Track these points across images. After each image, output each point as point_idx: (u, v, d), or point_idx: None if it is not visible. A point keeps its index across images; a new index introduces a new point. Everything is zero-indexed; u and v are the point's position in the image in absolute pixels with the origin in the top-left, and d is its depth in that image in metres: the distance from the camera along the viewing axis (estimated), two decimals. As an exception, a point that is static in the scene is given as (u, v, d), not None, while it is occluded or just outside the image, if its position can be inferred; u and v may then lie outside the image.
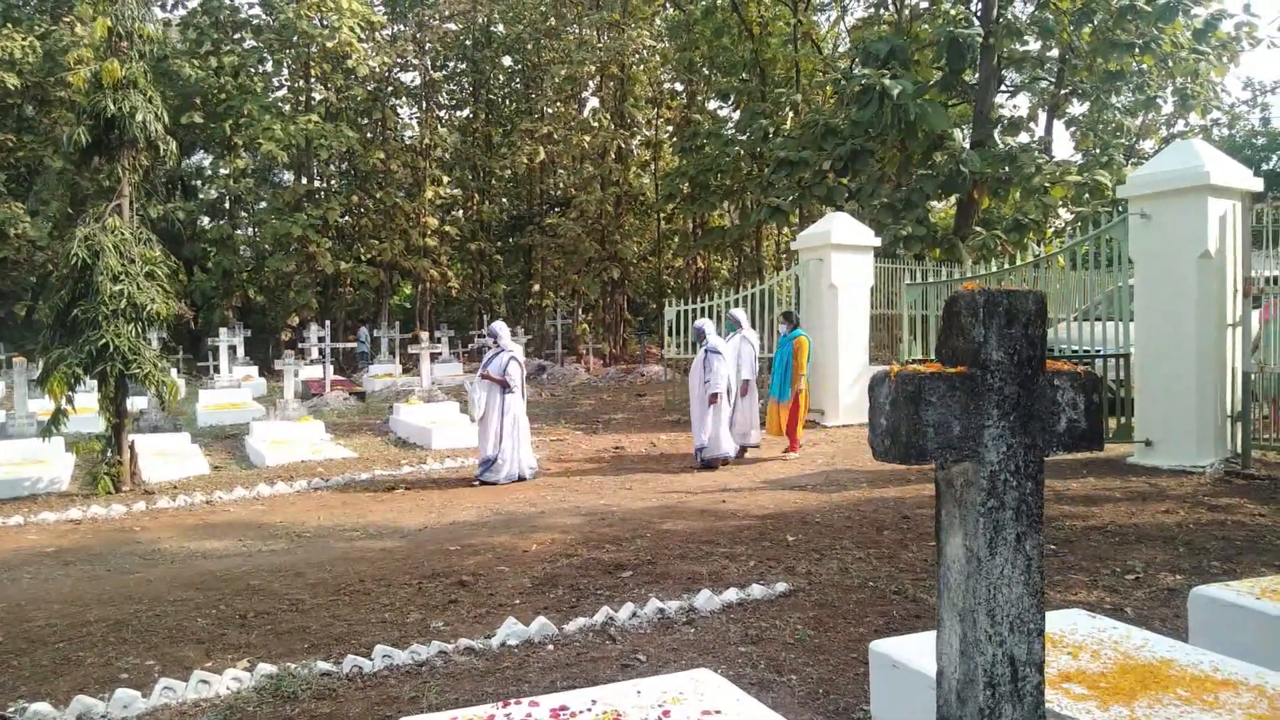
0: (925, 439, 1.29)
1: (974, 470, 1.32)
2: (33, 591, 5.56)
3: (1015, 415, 1.33)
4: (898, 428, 1.29)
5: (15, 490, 8.95)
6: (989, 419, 1.32)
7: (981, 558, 1.30)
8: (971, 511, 1.32)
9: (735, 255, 30.17)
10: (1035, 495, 1.34)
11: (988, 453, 1.32)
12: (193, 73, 24.59)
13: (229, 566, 6.06)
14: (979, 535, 1.31)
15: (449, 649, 4.24)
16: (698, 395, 9.62)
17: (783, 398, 9.95)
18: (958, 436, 1.31)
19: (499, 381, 9.10)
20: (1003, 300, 1.30)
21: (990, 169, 15.34)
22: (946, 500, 1.37)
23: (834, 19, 26.80)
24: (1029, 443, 1.34)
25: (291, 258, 25.52)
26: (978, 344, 1.31)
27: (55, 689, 3.94)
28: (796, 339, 9.90)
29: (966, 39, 15.39)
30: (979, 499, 1.31)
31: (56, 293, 9.03)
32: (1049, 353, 1.35)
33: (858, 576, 5.23)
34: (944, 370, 1.31)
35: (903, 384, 1.29)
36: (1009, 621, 1.30)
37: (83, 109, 9.37)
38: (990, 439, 1.32)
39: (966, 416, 1.31)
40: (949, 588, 1.35)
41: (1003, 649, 1.29)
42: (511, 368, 9.20)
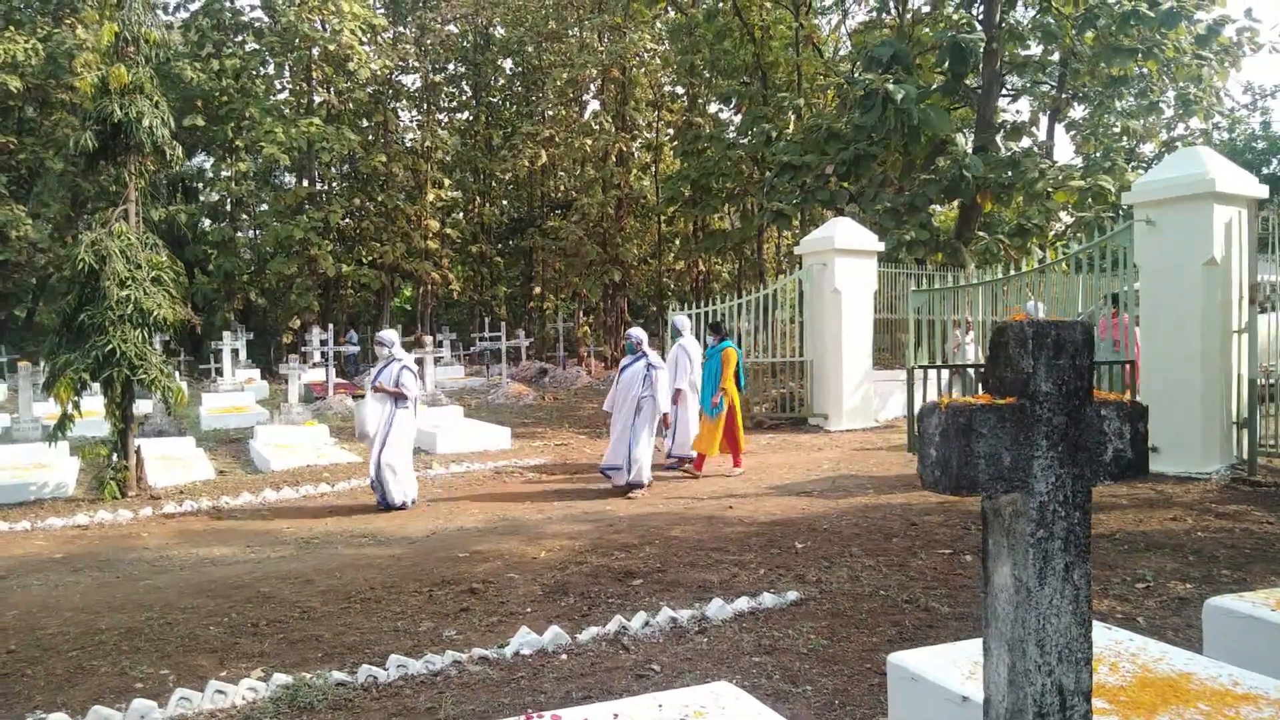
0: (977, 470, 1.30)
1: (1023, 500, 1.33)
2: (43, 599, 5.56)
3: (1064, 446, 1.34)
4: (949, 459, 1.30)
5: (21, 495, 8.94)
6: (1038, 450, 1.34)
7: (1031, 588, 1.31)
8: (1021, 541, 1.33)
9: (736, 258, 30.18)
10: (1083, 525, 1.35)
11: (1037, 483, 1.33)
12: (194, 75, 24.63)
13: (238, 573, 6.06)
14: (1028, 565, 1.32)
15: (463, 658, 4.24)
16: (626, 411, 8.67)
17: (712, 413, 9.38)
18: (1008, 467, 1.32)
19: (393, 393, 8.25)
20: (1051, 332, 1.31)
21: (993, 174, 15.38)
22: (994, 529, 1.38)
23: (836, 23, 26.84)
24: (1077, 473, 1.35)
25: (293, 260, 25.54)
26: (1027, 375, 1.32)
27: (71, 698, 3.95)
28: (725, 350, 9.42)
29: (969, 43, 15.42)
30: (1028, 529, 1.32)
31: (63, 297, 9.04)
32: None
33: (868, 585, 5.24)
34: (994, 402, 1.32)
35: (954, 415, 1.30)
36: (1058, 651, 1.31)
37: (89, 114, 9.37)
38: (1039, 469, 1.33)
39: (1016, 447, 1.32)
40: (996, 617, 1.36)
41: (1051, 678, 1.30)
42: (404, 377, 8.34)
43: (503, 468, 10.37)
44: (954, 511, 7.00)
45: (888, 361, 14.26)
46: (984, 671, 1.39)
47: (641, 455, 8.58)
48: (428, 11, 28.44)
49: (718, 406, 9.30)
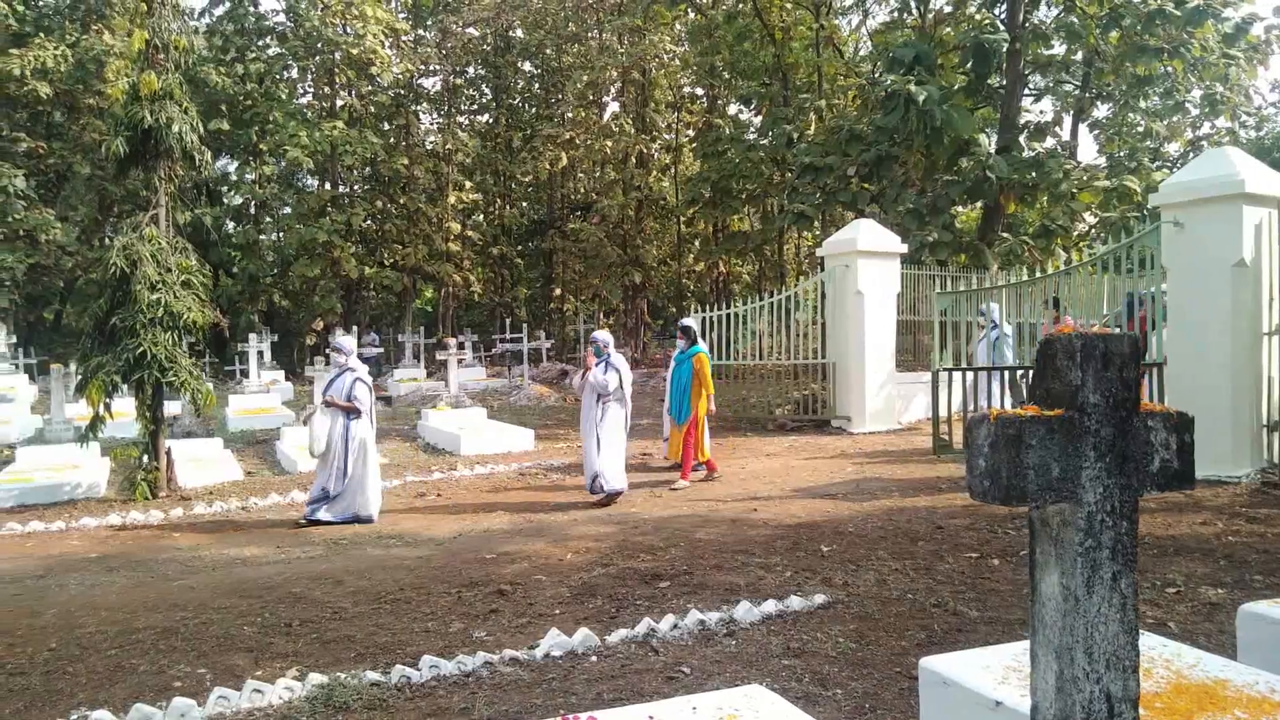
0: (1026, 481, 1.32)
1: (1071, 511, 1.35)
2: (81, 598, 5.66)
3: (1111, 457, 1.36)
4: (998, 470, 1.32)
5: (55, 495, 9.09)
6: (1086, 461, 1.36)
7: (1079, 596, 1.33)
8: (1069, 551, 1.35)
9: (757, 260, 30.16)
10: (1130, 535, 1.37)
11: (1085, 494, 1.35)
12: (219, 80, 24.88)
13: (269, 574, 6.14)
14: (1076, 574, 1.34)
15: (494, 660, 4.29)
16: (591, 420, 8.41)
17: (680, 419, 9.23)
18: (1056, 478, 1.34)
19: (345, 408, 7.94)
20: (1099, 344, 1.33)
21: (1017, 174, 15.30)
22: (1041, 539, 1.40)
23: (856, 23, 26.77)
24: (1124, 483, 1.37)
25: (316, 263, 25.76)
26: (1075, 387, 1.35)
27: (112, 696, 4.02)
28: (696, 355, 9.22)
29: (992, 44, 15.36)
30: (1076, 539, 1.34)
31: (95, 301, 9.18)
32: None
33: (896, 588, 5.24)
34: (1043, 414, 1.34)
35: (1003, 427, 1.32)
36: (1105, 659, 1.32)
37: (120, 120, 9.51)
38: (1087, 480, 1.36)
39: (1065, 459, 1.35)
40: (1044, 625, 1.38)
41: (1099, 686, 1.32)
42: (358, 390, 8.02)
43: (527, 469, 10.43)
44: (980, 515, 6.99)
45: (910, 364, 14.22)
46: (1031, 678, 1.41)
47: (609, 464, 8.29)
48: (449, 15, 28.60)
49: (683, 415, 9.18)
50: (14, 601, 5.61)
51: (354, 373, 8.12)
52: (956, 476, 8.83)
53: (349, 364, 8.19)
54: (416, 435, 13.07)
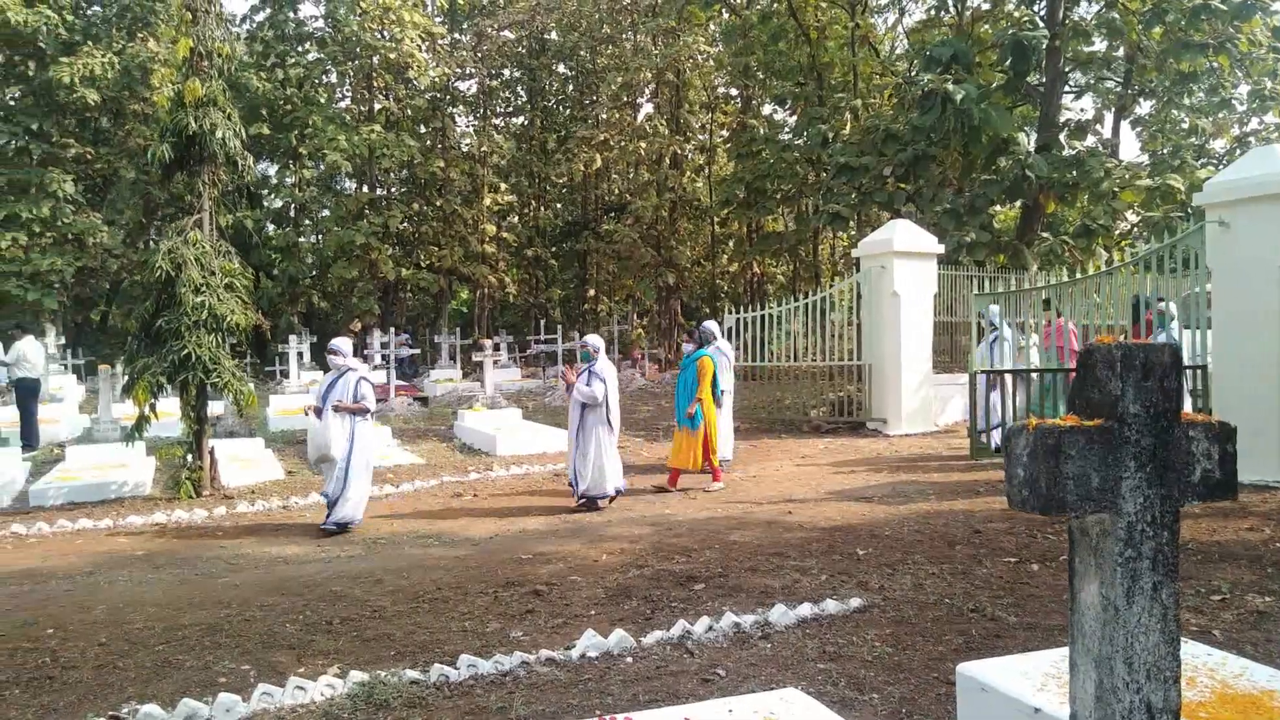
0: (1065, 491, 1.32)
1: (1111, 521, 1.35)
2: (129, 594, 5.80)
3: (1152, 467, 1.36)
4: (1037, 479, 1.32)
5: (102, 493, 9.31)
6: (1126, 471, 1.35)
7: (1119, 606, 1.33)
8: (1109, 561, 1.35)
9: (791, 260, 30.03)
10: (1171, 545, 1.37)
11: (1125, 504, 1.35)
12: (259, 85, 25.31)
13: (310, 572, 6.25)
14: (1116, 584, 1.33)
15: (531, 659, 4.33)
16: (579, 423, 8.29)
17: (694, 426, 9.04)
18: (1096, 488, 1.34)
19: (355, 409, 7.75)
20: (1139, 354, 1.33)
21: (1057, 173, 15.09)
22: (1081, 548, 1.40)
23: (892, 22, 26.56)
24: (1165, 494, 1.37)
25: (354, 265, 26.09)
26: (1115, 397, 1.34)
27: (159, 691, 4.12)
28: (700, 359, 9.10)
29: (1031, 41, 15.15)
30: (1116, 549, 1.34)
31: (141, 303, 9.40)
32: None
33: (933, 593, 5.21)
34: (1082, 424, 1.34)
35: (1042, 437, 1.32)
36: (1146, 669, 1.32)
37: (166, 126, 9.72)
38: (1128, 490, 1.35)
39: (1105, 469, 1.34)
40: (1083, 634, 1.38)
41: (1139, 696, 1.32)
42: (363, 388, 7.82)
43: (562, 470, 10.48)
44: (1019, 519, 6.91)
45: (947, 365, 14.08)
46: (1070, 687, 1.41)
47: (599, 466, 8.17)
48: (484, 18, 28.84)
49: (694, 418, 8.98)
50: (65, 597, 5.77)
51: (356, 372, 7.90)
52: (994, 480, 8.74)
53: (348, 364, 7.94)
54: (453, 436, 13.20)
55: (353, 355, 8.12)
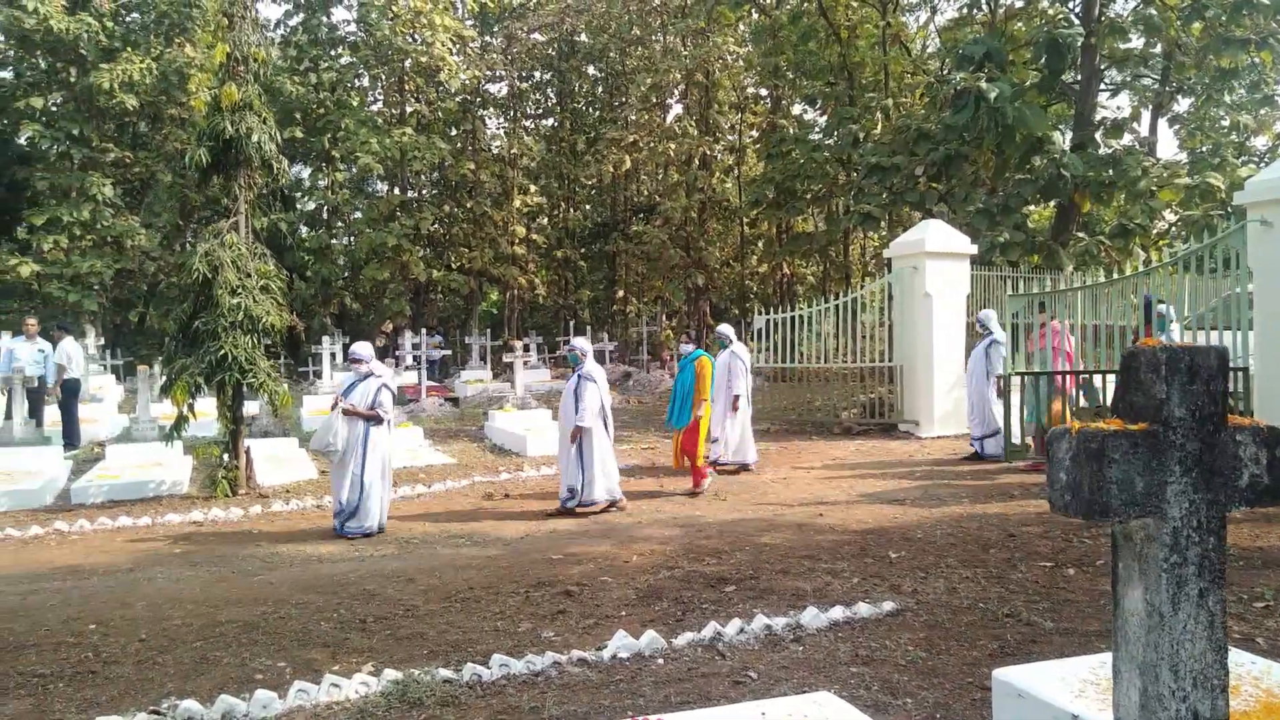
0: (1109, 495, 1.31)
1: (1156, 526, 1.33)
2: (167, 591, 5.90)
3: (1198, 471, 1.34)
4: (1079, 483, 1.31)
5: (141, 492, 9.47)
6: (1171, 476, 1.33)
7: (1164, 613, 1.31)
8: (1153, 567, 1.33)
9: (821, 261, 29.86)
10: (1218, 551, 1.34)
11: (1170, 509, 1.33)
12: (293, 89, 25.63)
13: (344, 571, 6.32)
14: (1161, 590, 1.31)
15: (562, 660, 4.35)
16: (568, 430, 8.18)
17: (680, 424, 9.03)
18: (1140, 493, 1.32)
19: (367, 415, 7.56)
20: (1184, 357, 1.31)
21: (1092, 172, 14.87)
22: (1124, 554, 1.38)
23: (924, 20, 26.34)
24: (1211, 499, 1.35)
25: (386, 266, 26.32)
26: (1159, 401, 1.32)
27: (198, 687, 4.19)
28: (698, 360, 9.02)
29: (1066, 38, 14.95)
30: (1161, 555, 1.32)
31: (179, 305, 9.55)
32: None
33: (966, 597, 5.16)
34: (1126, 428, 1.32)
35: (1085, 441, 1.31)
36: (1192, 677, 1.30)
37: (203, 131, 9.87)
38: (1173, 495, 1.33)
39: (1149, 473, 1.33)
40: (1127, 640, 1.36)
41: (1186, 704, 1.30)
42: (383, 396, 7.64)
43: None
44: (1054, 523, 6.82)
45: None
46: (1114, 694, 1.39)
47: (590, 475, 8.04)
48: (514, 21, 28.99)
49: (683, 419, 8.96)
50: (107, 593, 5.88)
51: (379, 379, 7.72)
52: (1029, 483, 8.64)
53: (372, 369, 7.77)
54: (483, 436, 13.28)
55: (376, 360, 7.95)
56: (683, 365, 9.25)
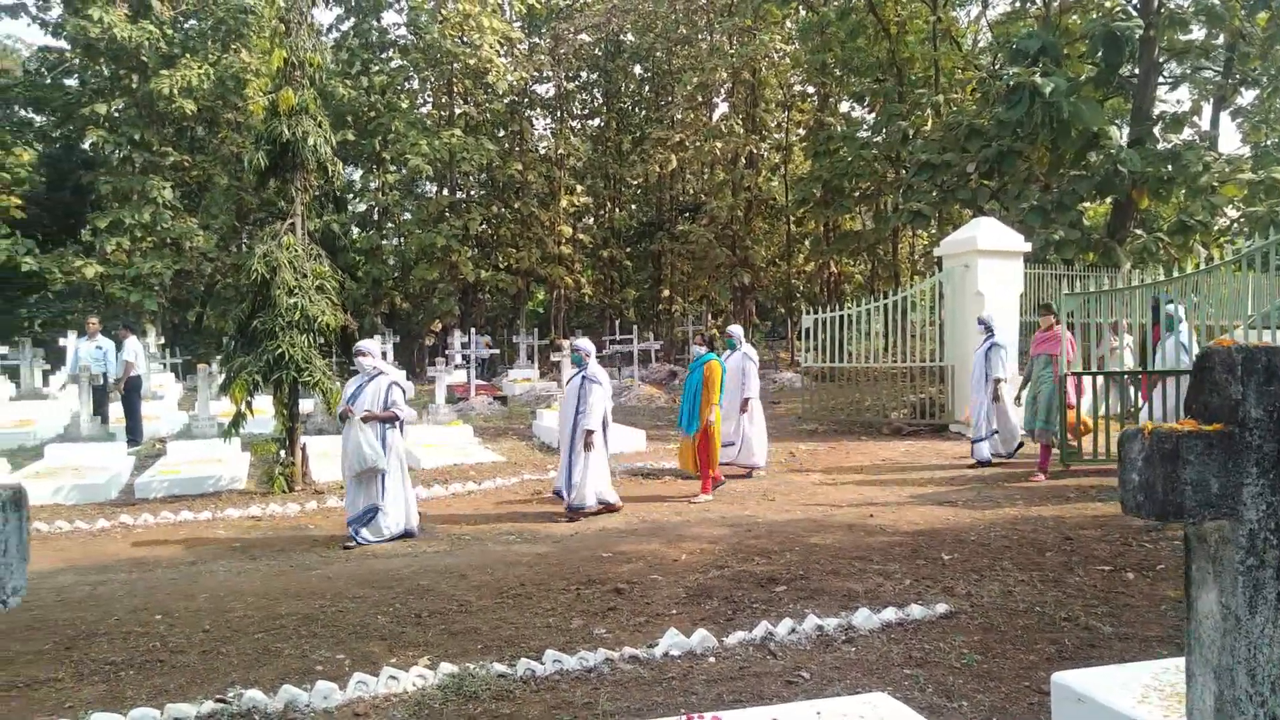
0: (1183, 497, 1.30)
1: (1231, 528, 1.31)
2: (229, 584, 6.06)
3: (1276, 473, 1.32)
4: (1153, 485, 1.30)
5: (201, 487, 9.73)
6: (1248, 477, 1.32)
7: (1240, 616, 1.30)
8: (1229, 569, 1.31)
9: (869, 260, 29.59)
10: (1296, 554, 1.33)
11: (1246, 511, 1.31)
12: (345, 93, 26.11)
13: (398, 566, 6.43)
14: (1237, 593, 1.30)
15: (615, 657, 4.38)
16: (568, 431, 8.10)
17: (690, 430, 8.88)
18: (1216, 495, 1.31)
19: (385, 418, 7.28)
20: (1261, 357, 1.30)
21: (1151, 168, 14.52)
22: (1198, 555, 1.36)
23: (975, 15, 25.95)
24: (1290, 501, 1.33)
25: (435, 266, 26.70)
26: (1235, 401, 1.31)
27: (261, 677, 4.30)
28: (707, 364, 8.83)
29: (1124, 31, 14.62)
30: (1237, 557, 1.30)
31: (238, 305, 9.79)
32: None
33: (1022, 600, 5.09)
34: (1201, 428, 1.31)
35: (1159, 441, 1.30)
36: (1271, 681, 1.28)
37: (261, 135, 10.10)
38: (1249, 497, 1.32)
39: (1225, 475, 1.31)
40: (1201, 644, 1.34)
41: (1264, 709, 1.28)
42: (394, 394, 7.31)
43: (638, 470, 10.56)
44: (1112, 526, 6.70)
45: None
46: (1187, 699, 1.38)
47: (578, 478, 7.97)
48: (561, 22, 29.19)
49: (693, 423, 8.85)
50: (171, 585, 6.06)
51: (387, 376, 7.43)
52: (1086, 485, 8.48)
53: (379, 366, 7.49)
54: (531, 434, 13.39)
55: (381, 359, 7.69)
56: (693, 368, 9.17)
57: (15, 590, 1.08)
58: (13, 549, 1.00)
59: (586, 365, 8.20)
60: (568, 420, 8.17)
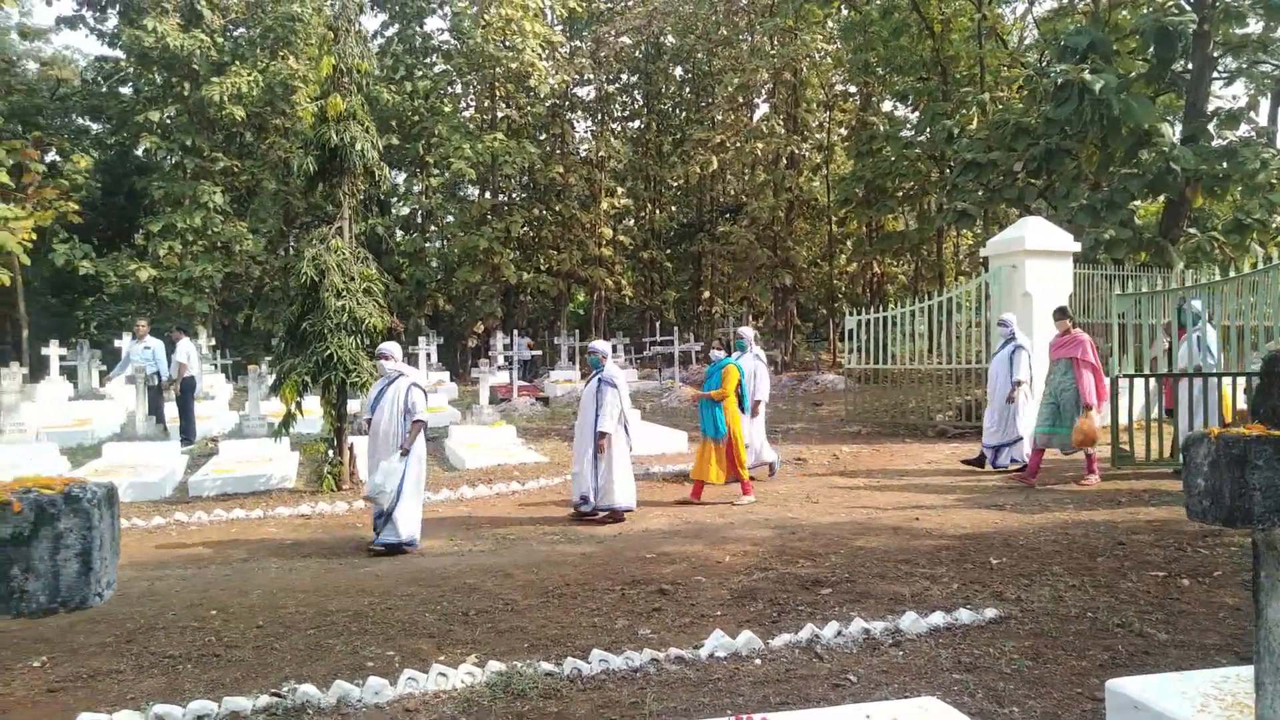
0: (1251, 502, 1.28)
1: (1302, 534, 1.30)
2: (280, 580, 6.18)
3: (1348, 478, 1.30)
4: (1220, 490, 1.28)
5: (252, 485, 9.94)
6: (1318, 482, 1.30)
7: (1312, 623, 1.28)
8: (1300, 575, 1.29)
9: (913, 260, 29.27)
10: (1369, 560, 1.30)
11: (1318, 517, 1.29)
12: (389, 98, 26.48)
13: (445, 565, 6.51)
14: (1309, 600, 1.28)
15: (660, 657, 4.40)
16: (586, 434, 8.10)
17: (718, 435, 8.77)
18: (1285, 500, 1.29)
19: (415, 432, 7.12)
20: (1332, 361, 1.28)
21: (1205, 165, 14.17)
22: (1267, 563, 1.34)
23: (1021, 11, 25.53)
24: (1361, 507, 1.30)
25: (478, 269, 26.96)
26: (1305, 405, 1.29)
27: (313, 672, 4.38)
28: (725, 367, 8.89)
29: (1177, 26, 14.28)
30: (1309, 563, 1.29)
31: (287, 307, 9.99)
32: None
33: (1074, 605, 5.01)
34: (1270, 432, 1.29)
35: (1226, 446, 1.28)
36: (1343, 689, 1.26)
37: (310, 140, 10.30)
38: (1319, 503, 1.30)
39: (1295, 479, 1.29)
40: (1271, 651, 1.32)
41: (1336, 717, 1.26)
42: (414, 396, 7.11)
43: (681, 471, 10.56)
44: (1166, 531, 6.56)
45: (1083, 368, 13.42)
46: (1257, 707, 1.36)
47: (606, 480, 7.94)
48: (602, 25, 29.32)
49: (718, 428, 8.76)
50: (225, 581, 6.20)
51: (407, 378, 7.27)
52: (1138, 490, 8.32)
53: (399, 369, 7.38)
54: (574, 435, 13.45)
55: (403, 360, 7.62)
56: (710, 372, 9.17)
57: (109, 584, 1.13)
58: (107, 544, 1.05)
59: (603, 367, 8.18)
60: (586, 425, 8.12)
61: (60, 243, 24.49)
